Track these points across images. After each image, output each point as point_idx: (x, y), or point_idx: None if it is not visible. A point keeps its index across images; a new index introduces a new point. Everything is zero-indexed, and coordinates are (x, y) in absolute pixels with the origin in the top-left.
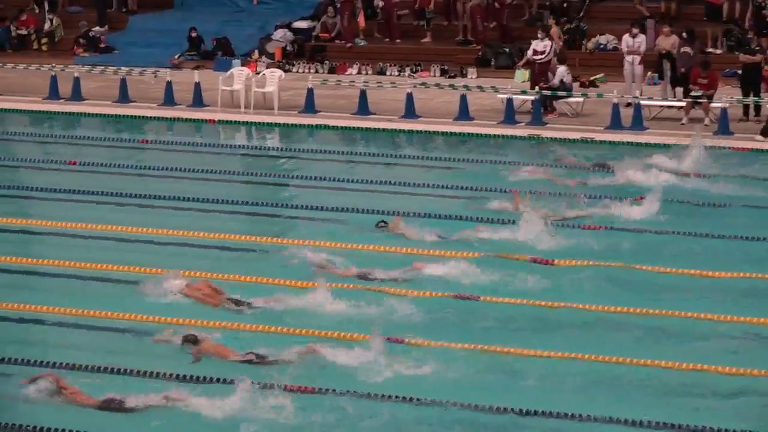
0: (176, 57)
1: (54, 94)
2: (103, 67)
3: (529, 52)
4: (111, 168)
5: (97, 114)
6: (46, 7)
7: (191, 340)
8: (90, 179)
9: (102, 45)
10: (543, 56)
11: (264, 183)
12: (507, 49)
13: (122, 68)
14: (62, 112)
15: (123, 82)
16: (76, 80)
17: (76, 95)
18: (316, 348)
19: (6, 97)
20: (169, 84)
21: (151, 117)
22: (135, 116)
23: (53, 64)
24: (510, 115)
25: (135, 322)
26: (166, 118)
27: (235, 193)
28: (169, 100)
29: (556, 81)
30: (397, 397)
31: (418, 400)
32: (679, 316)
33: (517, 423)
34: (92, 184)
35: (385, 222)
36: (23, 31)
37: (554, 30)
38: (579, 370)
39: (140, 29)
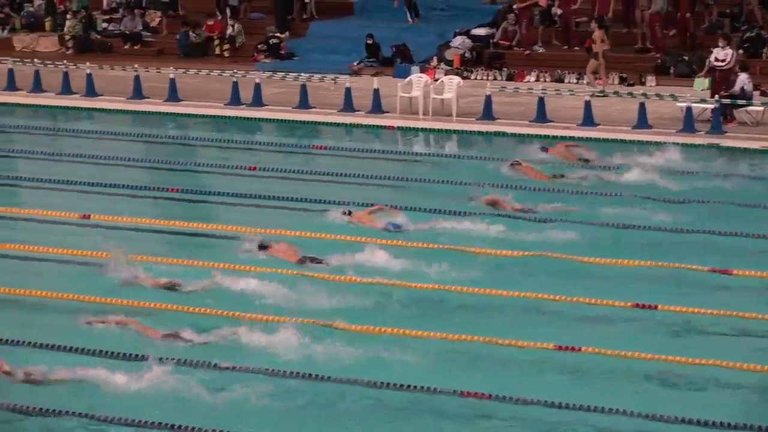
0: (356, 63)
1: (235, 99)
2: (283, 73)
3: (711, 60)
4: (290, 174)
5: (277, 120)
6: (228, 14)
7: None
8: (269, 184)
9: (282, 51)
10: (724, 64)
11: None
12: (686, 57)
13: (302, 74)
14: (243, 118)
15: (303, 88)
16: (257, 86)
17: (257, 101)
18: (238, 329)
19: (188, 103)
20: (348, 90)
21: (330, 123)
22: (314, 122)
23: (234, 70)
24: (689, 123)
25: None
26: (345, 124)
27: (414, 200)
28: (348, 106)
29: (737, 89)
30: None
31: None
32: None
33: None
34: (272, 189)
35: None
36: (199, 39)
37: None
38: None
39: (320, 36)
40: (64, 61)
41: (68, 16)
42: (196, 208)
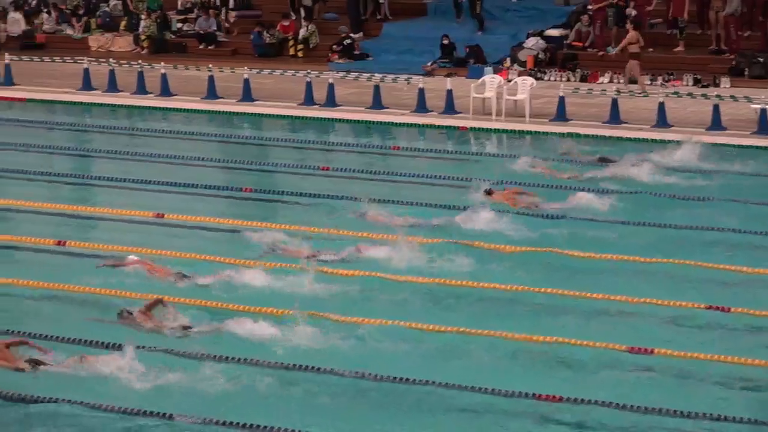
0: (429, 64)
1: (309, 100)
2: (357, 74)
3: None
4: (362, 174)
5: (350, 120)
6: (302, 14)
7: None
8: (342, 185)
9: (356, 52)
10: None
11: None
12: (761, 59)
13: (376, 75)
14: (316, 118)
15: (376, 88)
16: (331, 86)
17: (330, 101)
18: (236, 320)
19: (262, 103)
20: (421, 91)
21: (403, 123)
22: (387, 122)
23: (308, 71)
24: (764, 125)
25: None
26: (418, 124)
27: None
28: (421, 106)
29: None
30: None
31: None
32: None
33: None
34: (344, 189)
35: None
36: (273, 40)
37: None
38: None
39: (394, 36)
40: (139, 61)
41: (143, 17)
42: (268, 207)
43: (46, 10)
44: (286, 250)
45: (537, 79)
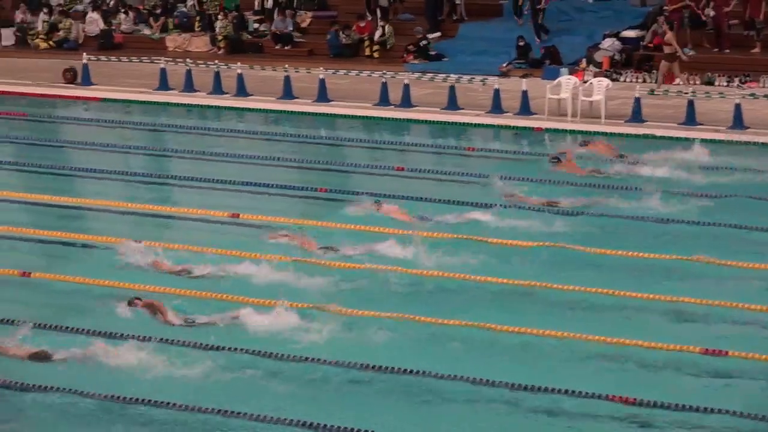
0: (505, 65)
1: (384, 100)
2: (432, 74)
3: None
4: (437, 174)
5: (425, 120)
6: (378, 15)
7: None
8: (416, 185)
9: (432, 52)
10: None
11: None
12: None
13: (451, 75)
14: (391, 119)
15: (452, 89)
16: (406, 87)
17: (406, 102)
18: (240, 312)
19: (337, 103)
20: (497, 92)
21: (478, 124)
22: (462, 123)
23: (384, 71)
24: None
25: None
26: (493, 125)
27: (567, 202)
28: (496, 107)
29: None
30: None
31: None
32: None
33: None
34: (419, 189)
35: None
36: (349, 40)
37: None
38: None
39: (469, 37)
40: (216, 61)
41: (220, 17)
42: (342, 207)
43: (123, 10)
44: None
45: (612, 80)
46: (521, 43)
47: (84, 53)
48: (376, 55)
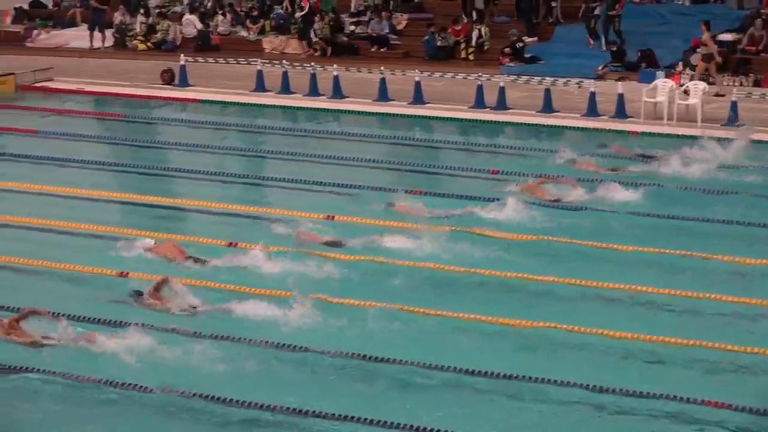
0: (600, 68)
1: (480, 103)
2: (527, 77)
3: None
4: (530, 178)
5: (520, 123)
6: (474, 17)
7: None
8: (510, 188)
9: (527, 55)
10: None
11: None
12: None
13: (547, 78)
14: (487, 121)
15: (547, 92)
16: (501, 90)
17: (501, 104)
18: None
19: (433, 106)
20: (592, 95)
21: (573, 127)
22: (558, 126)
23: (479, 74)
24: None
25: None
26: (589, 128)
27: (662, 207)
28: (591, 110)
29: None
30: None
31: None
32: None
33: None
34: (513, 192)
35: None
36: (445, 43)
37: None
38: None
39: (565, 40)
40: (312, 63)
41: (316, 19)
42: (436, 209)
43: (221, 12)
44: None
45: (709, 83)
46: (614, 48)
47: (182, 54)
48: (471, 57)
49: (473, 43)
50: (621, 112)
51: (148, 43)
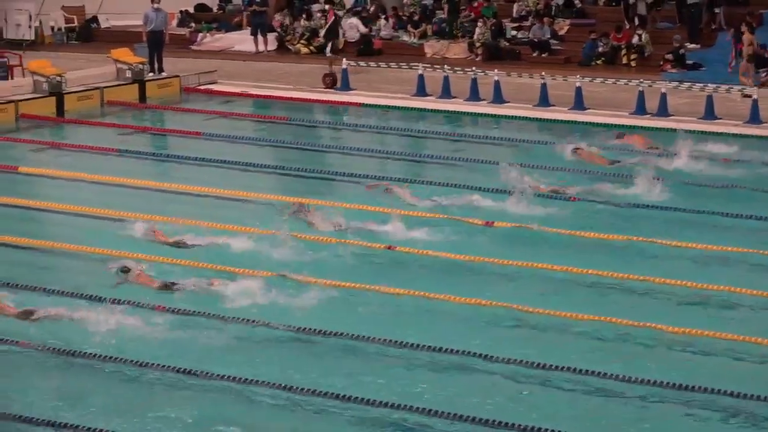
0: (764, 75)
1: (640, 109)
2: (689, 83)
3: None
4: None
5: (682, 130)
6: (636, 23)
7: (124, 270)
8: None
9: (689, 61)
10: None
11: None
12: None
13: (709, 85)
14: (648, 127)
15: (709, 98)
16: (663, 96)
17: (663, 111)
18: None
19: (593, 111)
20: (755, 102)
21: (736, 135)
22: (719, 133)
23: (641, 80)
24: None
25: None
26: (752, 135)
27: None
28: (754, 118)
29: None
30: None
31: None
32: None
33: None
34: (674, 201)
35: None
36: (606, 48)
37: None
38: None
39: (728, 46)
40: (473, 68)
41: (479, 24)
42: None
43: (384, 16)
44: None
45: None
46: None
47: (344, 58)
48: (633, 63)
49: (634, 46)
50: None
51: (311, 47)
